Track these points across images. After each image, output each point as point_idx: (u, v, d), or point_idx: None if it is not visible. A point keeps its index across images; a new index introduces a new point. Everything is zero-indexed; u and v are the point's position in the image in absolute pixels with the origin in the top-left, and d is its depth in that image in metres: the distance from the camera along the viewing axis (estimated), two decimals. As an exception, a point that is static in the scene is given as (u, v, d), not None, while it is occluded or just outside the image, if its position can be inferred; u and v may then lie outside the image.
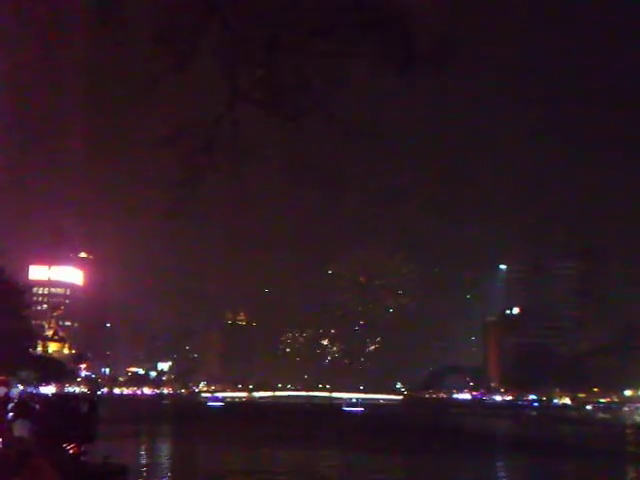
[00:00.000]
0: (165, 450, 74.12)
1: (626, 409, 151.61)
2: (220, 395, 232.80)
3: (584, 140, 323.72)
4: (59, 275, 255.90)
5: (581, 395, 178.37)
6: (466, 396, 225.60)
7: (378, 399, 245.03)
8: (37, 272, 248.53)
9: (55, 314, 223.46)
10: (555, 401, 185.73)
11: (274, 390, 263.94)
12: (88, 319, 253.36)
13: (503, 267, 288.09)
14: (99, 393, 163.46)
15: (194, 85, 9.71)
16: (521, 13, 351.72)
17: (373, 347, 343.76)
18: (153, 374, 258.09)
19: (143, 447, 72.81)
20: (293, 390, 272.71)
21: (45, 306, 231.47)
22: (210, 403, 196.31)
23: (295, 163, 9.23)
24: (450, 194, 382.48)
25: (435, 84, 10.46)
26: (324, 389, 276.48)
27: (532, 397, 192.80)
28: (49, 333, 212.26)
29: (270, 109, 9.32)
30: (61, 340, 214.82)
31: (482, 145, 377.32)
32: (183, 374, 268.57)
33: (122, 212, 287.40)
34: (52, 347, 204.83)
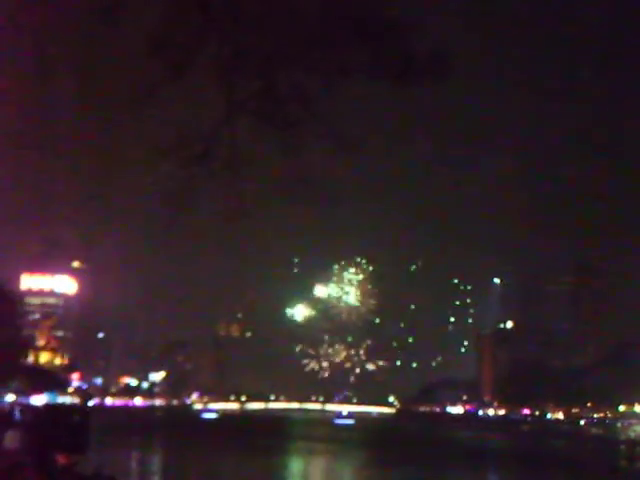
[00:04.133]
0: (157, 462, 73.72)
1: (619, 425, 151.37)
2: (214, 407, 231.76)
3: (582, 154, 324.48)
4: (52, 284, 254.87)
5: (575, 410, 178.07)
6: (459, 410, 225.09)
7: (370, 412, 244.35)
8: (30, 281, 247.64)
9: (47, 324, 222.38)
10: (548, 416, 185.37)
11: (267, 402, 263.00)
12: (81, 329, 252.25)
13: (497, 281, 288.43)
14: (91, 404, 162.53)
15: (192, 96, 9.70)
16: (519, 24, 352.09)
17: (366, 360, 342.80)
18: (145, 385, 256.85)
19: (135, 458, 72.39)
20: (286, 402, 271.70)
21: (37, 316, 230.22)
22: (204, 415, 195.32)
23: (292, 174, 9.22)
24: (445, 207, 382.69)
25: (432, 97, 10.49)
26: (317, 401, 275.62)
27: (525, 411, 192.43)
28: (41, 343, 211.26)
29: (267, 120, 9.31)
30: (53, 350, 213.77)
31: (477, 158, 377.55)
32: (175, 385, 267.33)
33: (116, 222, 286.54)
34: (44, 357, 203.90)
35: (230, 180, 9.34)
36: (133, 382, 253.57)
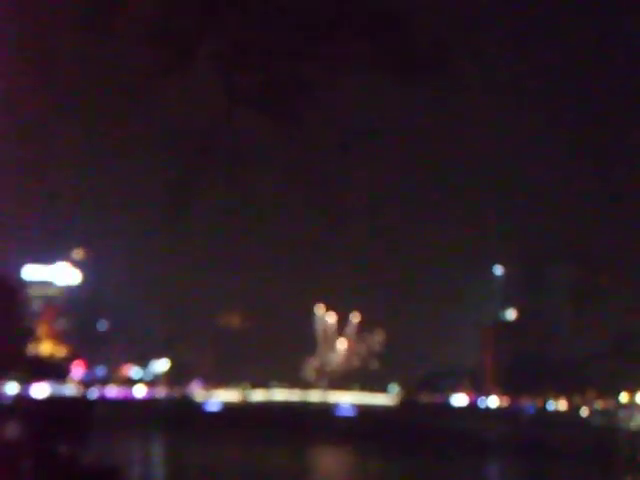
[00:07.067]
0: (158, 451, 73.98)
1: (621, 414, 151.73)
2: (215, 396, 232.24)
3: (583, 145, 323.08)
4: (53, 275, 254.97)
5: (576, 400, 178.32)
6: (461, 400, 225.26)
7: (373, 402, 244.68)
8: (31, 271, 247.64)
9: (49, 314, 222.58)
10: (550, 406, 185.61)
11: (268, 392, 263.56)
12: (82, 319, 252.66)
13: (499, 271, 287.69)
14: (92, 394, 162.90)
15: (193, 88, 9.64)
16: (523, 17, 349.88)
17: (369, 350, 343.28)
18: (147, 375, 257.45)
19: (136, 448, 72.63)
20: (287, 392, 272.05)
21: (39, 306, 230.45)
22: (205, 405, 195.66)
23: (294, 166, 9.18)
24: (447, 197, 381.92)
25: (433, 88, 10.43)
26: (319, 391, 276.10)
27: (527, 401, 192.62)
28: (42, 333, 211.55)
29: (268, 112, 9.27)
30: (54, 340, 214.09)
31: (479, 147, 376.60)
32: (177, 375, 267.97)
33: (119, 212, 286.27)
34: (45, 347, 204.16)
35: (231, 172, 9.30)
36: (135, 372, 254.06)
